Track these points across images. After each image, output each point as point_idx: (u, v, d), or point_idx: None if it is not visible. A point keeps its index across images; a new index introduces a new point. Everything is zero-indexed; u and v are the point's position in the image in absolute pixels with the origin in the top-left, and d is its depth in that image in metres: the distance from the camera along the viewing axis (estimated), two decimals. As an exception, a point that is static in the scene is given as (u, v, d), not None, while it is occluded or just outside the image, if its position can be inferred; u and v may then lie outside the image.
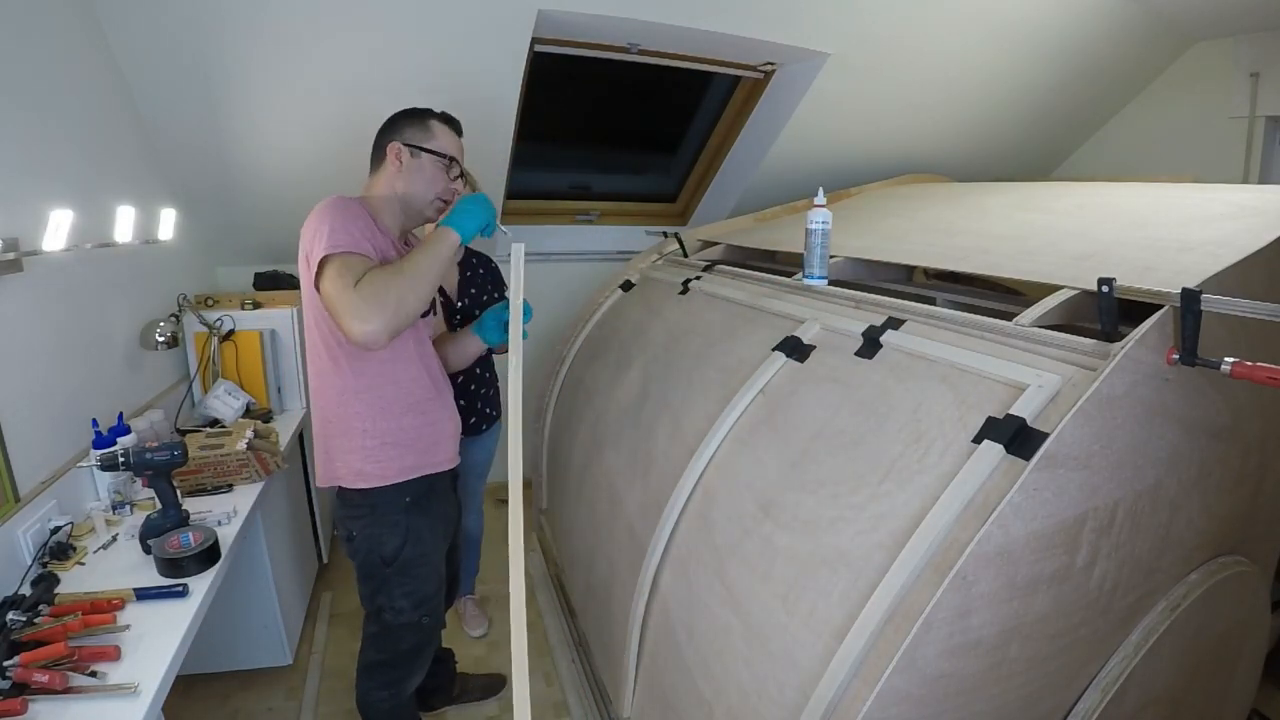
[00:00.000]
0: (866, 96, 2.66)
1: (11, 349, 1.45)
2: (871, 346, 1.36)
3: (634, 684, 1.58)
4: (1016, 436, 0.99)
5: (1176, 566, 1.19)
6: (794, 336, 1.53)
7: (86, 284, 1.76)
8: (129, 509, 1.65)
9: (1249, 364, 0.94)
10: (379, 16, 1.91)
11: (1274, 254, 1.18)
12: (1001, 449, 1.00)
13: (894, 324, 1.37)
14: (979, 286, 1.85)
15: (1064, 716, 1.12)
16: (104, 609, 1.25)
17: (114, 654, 1.15)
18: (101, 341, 1.84)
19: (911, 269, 1.87)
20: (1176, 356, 1.02)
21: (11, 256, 1.41)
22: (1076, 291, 1.22)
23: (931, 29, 2.37)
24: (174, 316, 2.14)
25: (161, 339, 2.01)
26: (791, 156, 2.87)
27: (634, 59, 2.49)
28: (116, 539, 1.53)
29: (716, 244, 2.51)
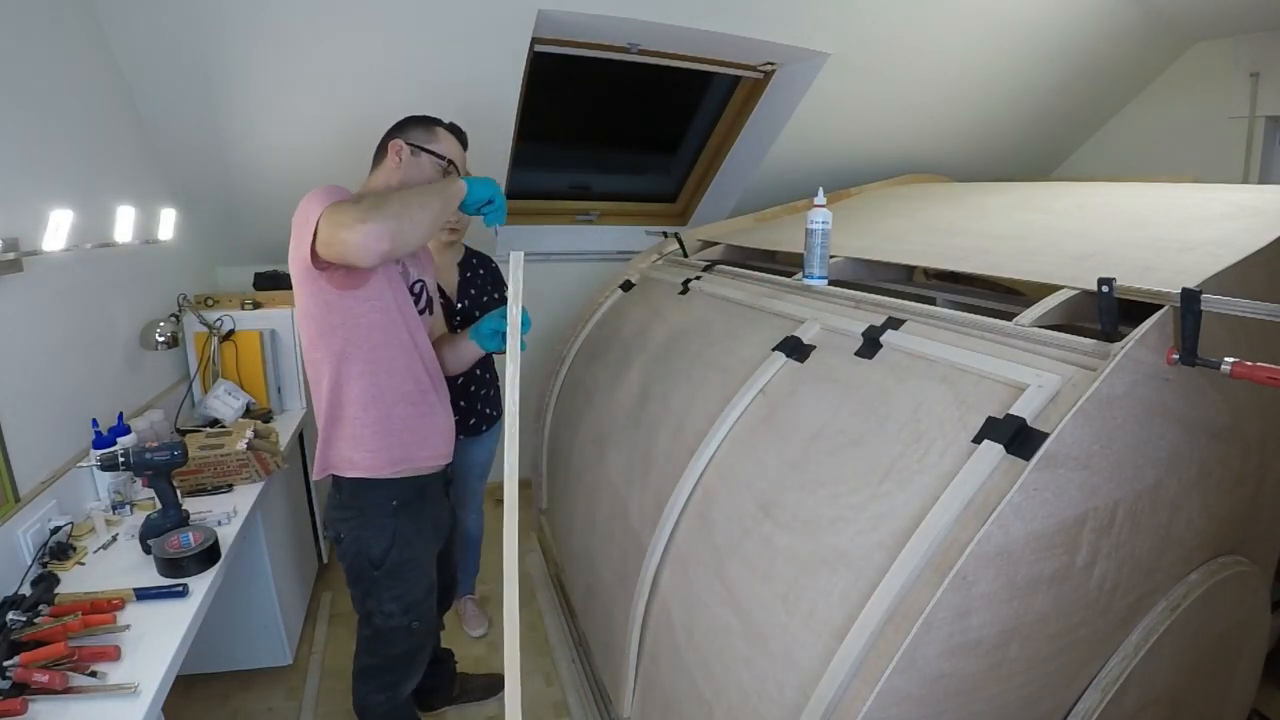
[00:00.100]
0: (866, 96, 2.66)
1: (11, 349, 1.45)
2: (871, 346, 1.36)
3: (634, 684, 1.58)
4: (1016, 436, 0.99)
5: (1176, 566, 1.19)
6: (794, 336, 1.53)
7: (86, 284, 1.76)
8: (129, 509, 1.65)
9: (1249, 364, 0.94)
10: (379, 17, 1.91)
11: (1274, 254, 1.18)
12: (1001, 449, 1.00)
13: (894, 324, 1.37)
14: (979, 286, 1.85)
15: (1064, 716, 1.12)
16: (104, 609, 1.25)
17: (114, 654, 1.15)
18: (101, 341, 1.83)
19: (911, 269, 1.87)
20: (1176, 356, 1.02)
21: (11, 256, 1.41)
22: (1076, 291, 1.22)
23: (931, 29, 2.37)
24: (174, 316, 2.14)
25: (161, 339, 2.01)
26: (791, 156, 2.87)
27: (634, 59, 2.49)
28: (116, 539, 1.53)
29: (716, 244, 2.51)
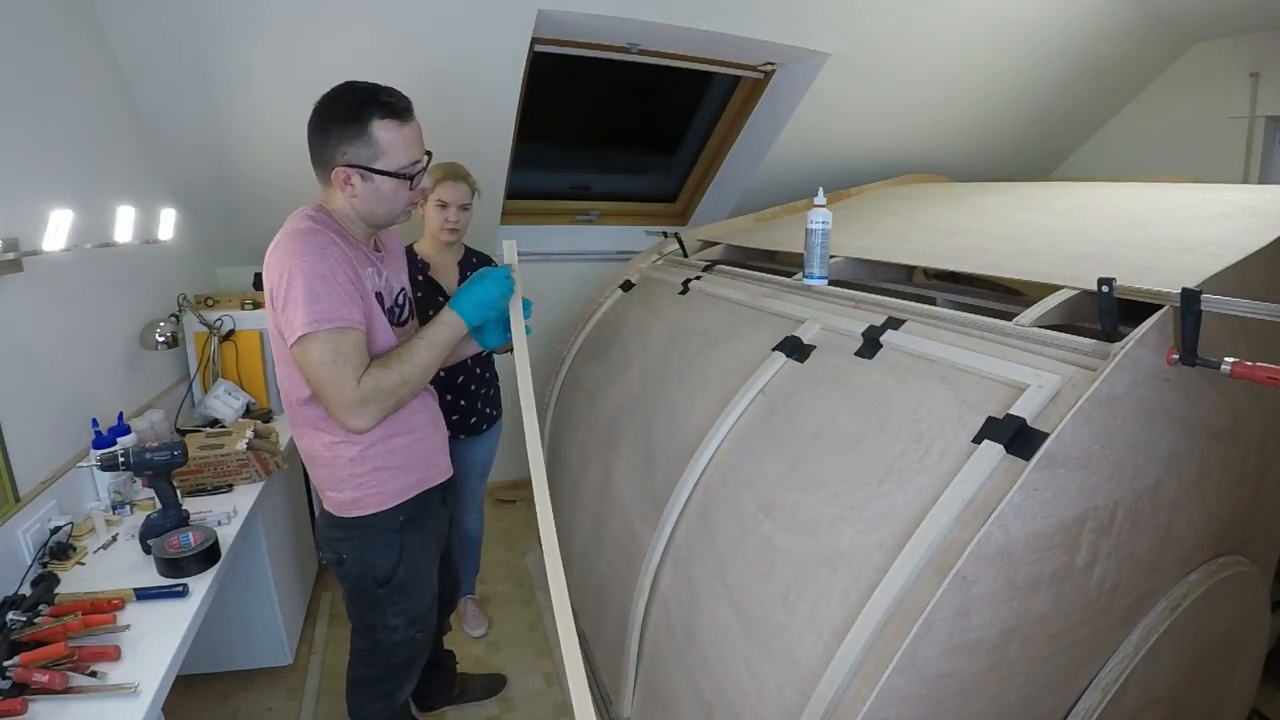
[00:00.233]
0: (866, 96, 2.66)
1: (11, 349, 1.45)
2: (871, 346, 1.36)
3: (634, 684, 1.58)
4: (1016, 436, 0.99)
5: (1176, 566, 1.19)
6: (794, 336, 1.53)
7: (86, 284, 1.76)
8: (129, 509, 1.65)
9: (1249, 364, 0.94)
10: (379, 16, 1.91)
11: (1274, 254, 1.18)
12: (1001, 449, 1.00)
13: (894, 324, 1.37)
14: (979, 286, 1.85)
15: (1064, 716, 1.12)
16: (104, 609, 1.25)
17: (114, 654, 1.15)
18: (101, 341, 1.83)
19: (911, 269, 1.87)
20: (1176, 356, 1.02)
21: (11, 256, 1.41)
22: (1076, 291, 1.22)
23: (931, 29, 2.37)
24: (174, 316, 2.14)
25: (161, 339, 2.01)
26: (791, 156, 2.87)
27: (634, 59, 2.49)
28: (116, 539, 1.53)
29: (716, 244, 2.51)
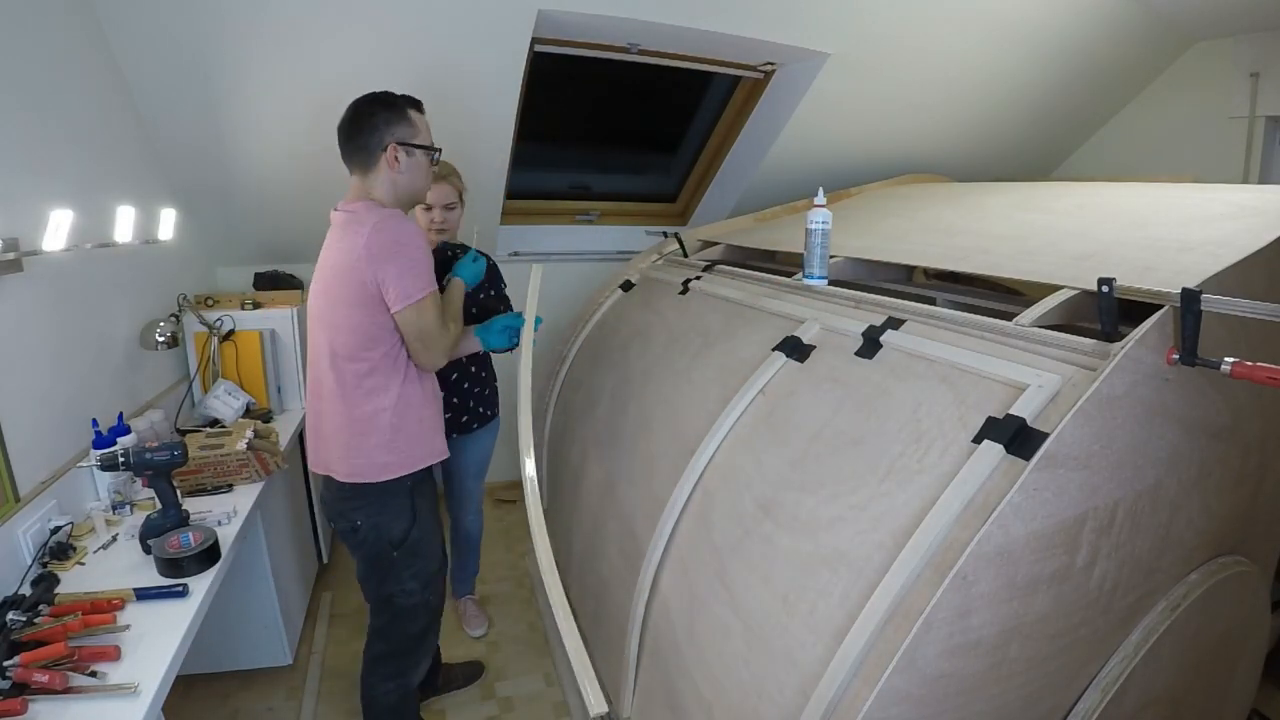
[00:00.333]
0: (866, 96, 2.66)
1: (11, 349, 1.44)
2: (871, 346, 1.36)
3: (634, 684, 1.58)
4: (1016, 436, 0.99)
5: (1176, 566, 1.19)
6: (794, 336, 1.53)
7: (86, 284, 1.76)
8: (129, 509, 1.65)
9: (1249, 364, 0.94)
10: (379, 16, 1.91)
11: (1274, 254, 1.18)
12: (1001, 449, 1.00)
13: (894, 324, 1.37)
14: (979, 286, 1.85)
15: (1064, 716, 1.12)
16: (104, 609, 1.25)
17: (114, 654, 1.15)
18: (101, 341, 1.83)
19: (911, 269, 1.87)
20: (1176, 356, 1.02)
21: (11, 256, 1.41)
22: (1076, 291, 1.22)
23: (931, 29, 2.37)
24: (174, 316, 2.14)
25: (161, 339, 2.01)
26: (791, 156, 2.87)
27: (634, 59, 2.49)
28: (116, 539, 1.53)
29: (716, 244, 2.51)
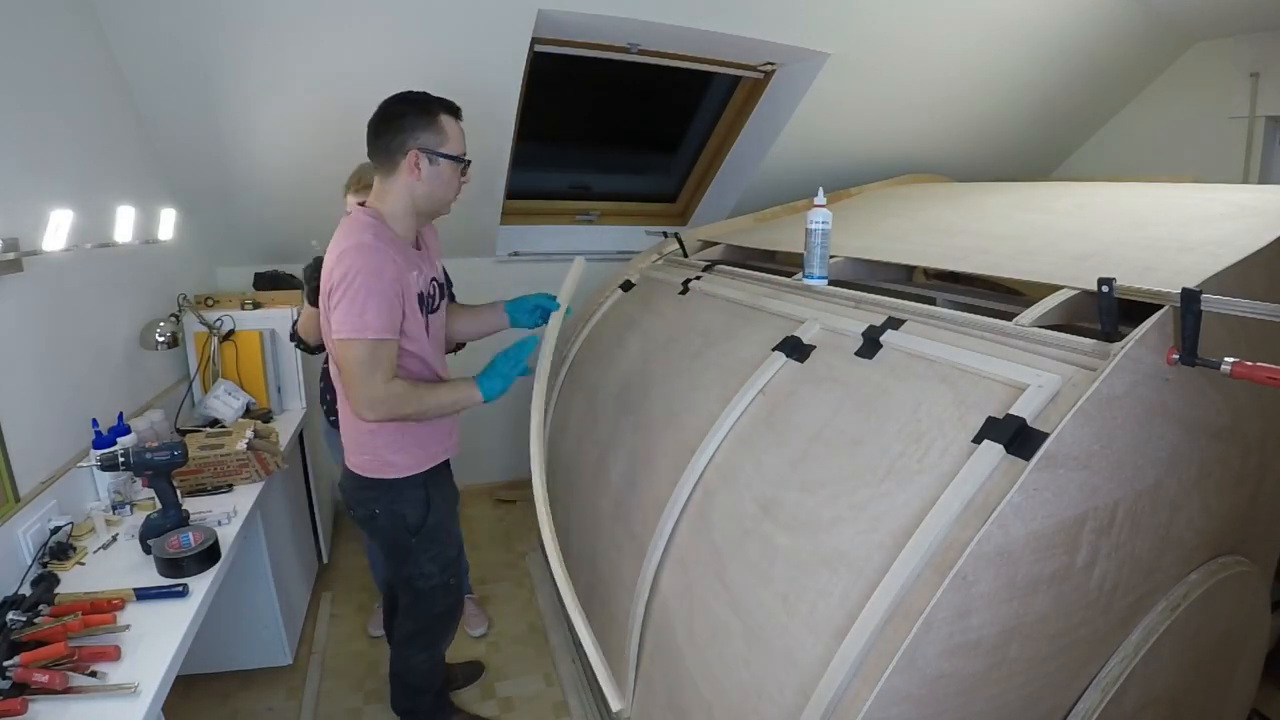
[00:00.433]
0: (866, 96, 2.66)
1: (12, 349, 1.45)
2: (871, 346, 1.36)
3: (634, 684, 1.58)
4: (1016, 436, 0.99)
5: (1176, 566, 1.19)
6: (794, 336, 1.53)
7: (86, 284, 1.76)
8: (129, 509, 1.65)
9: (1249, 364, 0.94)
10: (379, 16, 1.91)
11: (1274, 254, 1.18)
12: (1001, 449, 1.00)
13: (894, 324, 1.37)
14: (979, 286, 1.84)
15: (1064, 716, 1.12)
16: (104, 609, 1.25)
17: (114, 654, 1.15)
18: (101, 341, 1.83)
19: (911, 269, 1.87)
20: (1176, 356, 1.02)
21: (11, 256, 1.41)
22: (1076, 291, 1.22)
23: (931, 29, 2.37)
24: (174, 316, 2.14)
25: (161, 339, 2.01)
26: (791, 156, 2.87)
27: (634, 59, 2.49)
28: (116, 539, 1.53)
29: (716, 244, 2.50)
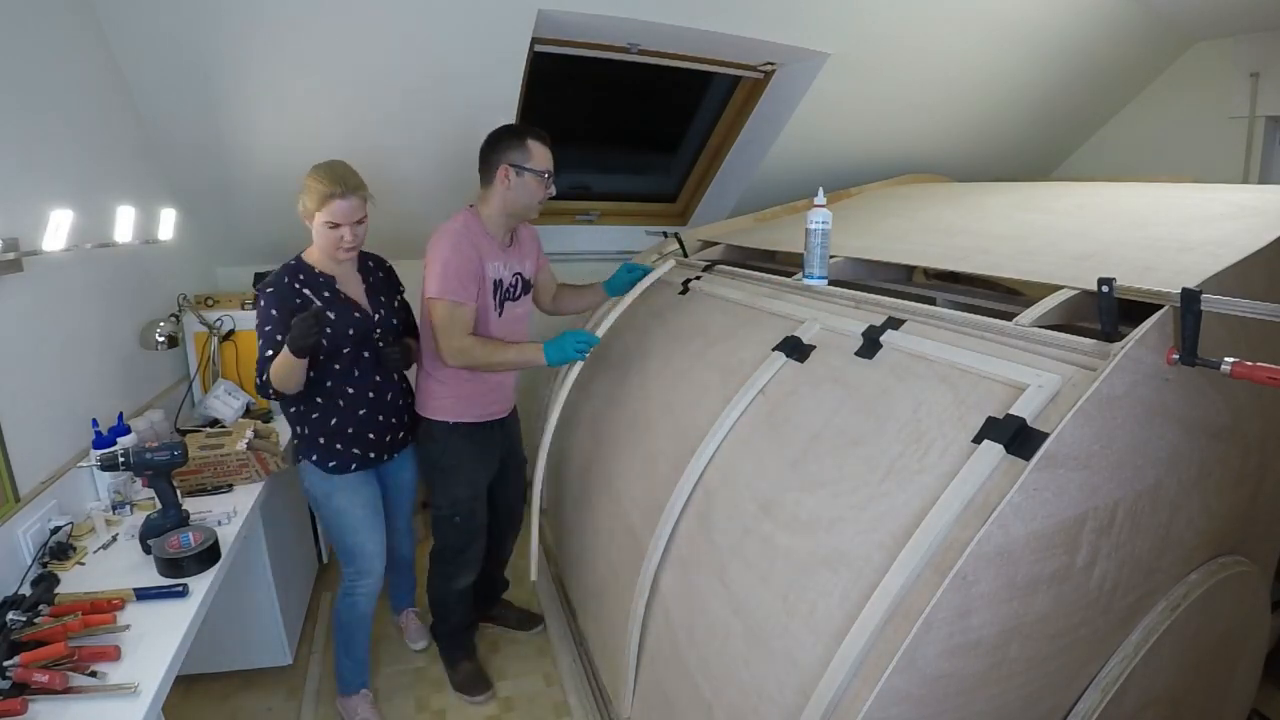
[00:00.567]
0: (866, 96, 2.65)
1: (11, 349, 1.45)
2: (871, 346, 1.36)
3: (634, 684, 1.58)
4: (1016, 436, 0.99)
5: (1176, 566, 1.19)
6: (794, 336, 1.53)
7: (86, 284, 1.76)
8: (129, 509, 1.65)
9: (1249, 364, 0.94)
10: (378, 17, 1.91)
11: (1274, 254, 1.18)
12: (1001, 449, 1.00)
13: (894, 324, 1.37)
14: (979, 286, 1.84)
15: (1064, 716, 1.12)
16: (104, 609, 1.25)
17: (114, 654, 1.15)
18: (101, 341, 1.83)
19: (911, 269, 1.87)
20: (1176, 356, 1.02)
21: (11, 256, 1.41)
22: (1076, 291, 1.22)
23: (931, 29, 2.37)
24: (174, 316, 2.14)
25: (161, 339, 2.01)
26: (791, 156, 2.87)
27: (634, 59, 2.49)
28: (116, 539, 1.53)
29: (716, 244, 2.50)
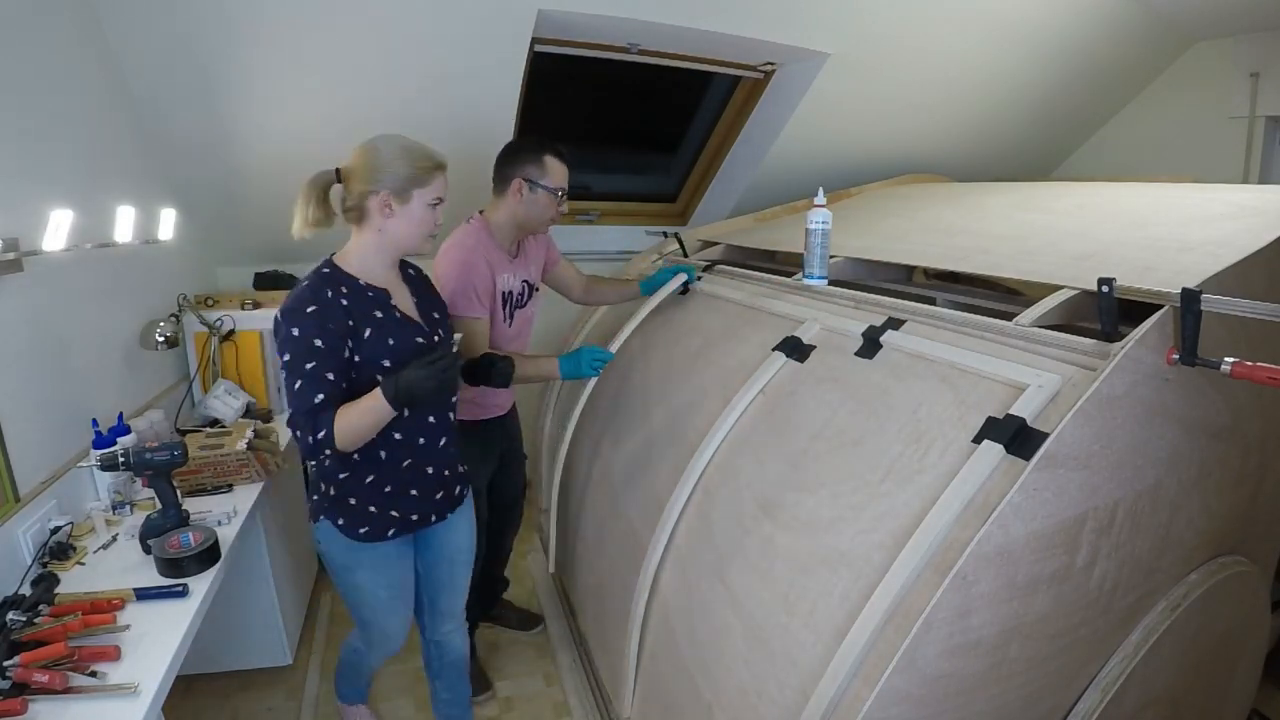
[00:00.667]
0: (866, 96, 2.66)
1: (12, 349, 1.44)
2: (871, 347, 1.36)
3: (634, 684, 1.58)
4: (1016, 436, 0.99)
5: (1176, 566, 1.19)
6: (794, 337, 1.53)
7: (86, 284, 1.76)
8: (129, 509, 1.65)
9: (1249, 364, 0.94)
10: (379, 16, 1.91)
11: (1274, 254, 1.18)
12: (1001, 449, 1.00)
13: (894, 324, 1.37)
14: (979, 286, 1.84)
15: (1064, 716, 1.12)
16: (104, 609, 1.25)
17: (114, 654, 1.15)
18: (101, 341, 1.83)
19: (911, 269, 1.87)
20: (1176, 356, 1.02)
21: (11, 256, 1.41)
22: (1076, 291, 1.22)
23: (931, 29, 2.37)
24: (174, 316, 2.13)
25: (161, 339, 2.00)
26: (791, 156, 2.87)
27: (634, 59, 2.49)
28: (116, 539, 1.53)
29: (717, 244, 2.50)
